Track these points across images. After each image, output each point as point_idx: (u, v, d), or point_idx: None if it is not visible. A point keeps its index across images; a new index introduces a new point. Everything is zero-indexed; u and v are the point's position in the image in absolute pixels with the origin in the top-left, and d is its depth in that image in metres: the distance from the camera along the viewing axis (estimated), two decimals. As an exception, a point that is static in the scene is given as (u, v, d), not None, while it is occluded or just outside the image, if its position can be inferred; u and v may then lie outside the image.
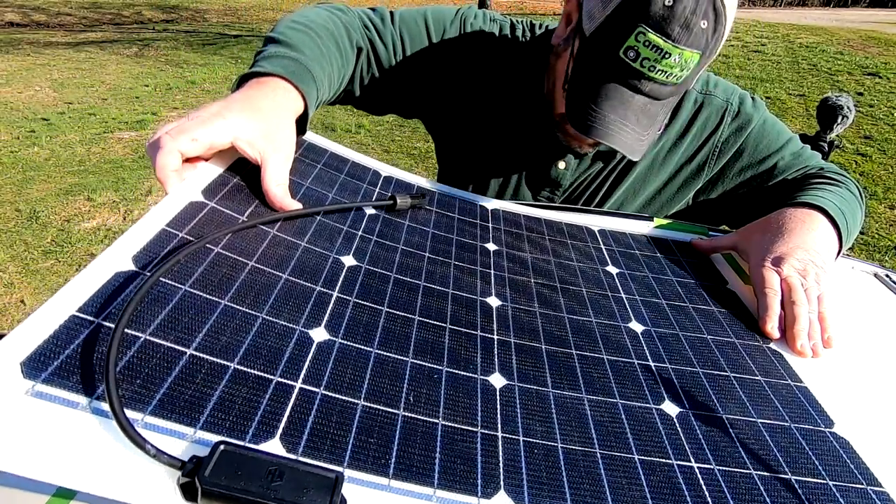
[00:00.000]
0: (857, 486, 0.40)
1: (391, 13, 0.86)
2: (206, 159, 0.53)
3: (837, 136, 1.07)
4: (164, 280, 0.40)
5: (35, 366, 0.31)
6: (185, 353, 0.36)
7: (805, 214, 0.67)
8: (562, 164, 0.86)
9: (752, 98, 0.85)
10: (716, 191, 0.87)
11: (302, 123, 0.64)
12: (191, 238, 0.45)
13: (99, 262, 0.39)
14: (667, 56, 0.62)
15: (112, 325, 0.35)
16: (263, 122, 0.54)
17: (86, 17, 10.09)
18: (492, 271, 0.58)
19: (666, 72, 0.64)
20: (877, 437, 0.45)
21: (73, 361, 0.32)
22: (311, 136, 0.70)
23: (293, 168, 0.60)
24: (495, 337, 0.49)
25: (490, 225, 0.68)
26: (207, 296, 0.41)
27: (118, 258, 0.40)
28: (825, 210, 0.67)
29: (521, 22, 0.89)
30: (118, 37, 8.50)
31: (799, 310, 0.56)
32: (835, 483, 0.40)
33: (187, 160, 0.50)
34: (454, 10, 0.87)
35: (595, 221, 0.75)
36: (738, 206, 0.86)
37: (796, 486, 0.40)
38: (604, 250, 0.68)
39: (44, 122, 4.75)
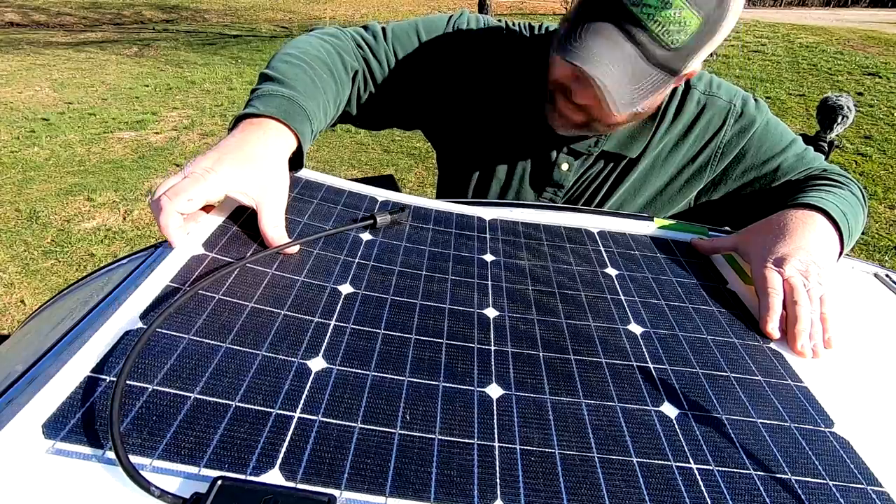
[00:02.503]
0: (857, 486, 0.40)
1: (383, 29, 0.86)
2: (208, 210, 0.57)
3: (837, 136, 1.07)
4: (169, 332, 0.43)
5: (54, 426, 0.35)
6: (190, 397, 0.39)
7: (807, 216, 0.67)
8: (564, 166, 0.86)
9: (755, 100, 0.85)
10: (718, 192, 0.87)
11: (298, 160, 0.65)
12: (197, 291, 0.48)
13: (110, 324, 0.43)
14: (667, 6, 0.61)
15: (129, 383, 0.39)
16: (255, 169, 0.56)
17: (86, 17, 10.09)
18: (489, 282, 0.59)
19: (663, 25, 0.62)
20: (877, 437, 0.45)
21: (88, 419, 0.36)
22: (307, 174, 0.71)
23: (291, 207, 0.62)
24: (492, 348, 0.49)
25: (487, 236, 0.68)
26: (209, 341, 0.44)
27: (127, 318, 0.44)
28: (827, 212, 0.67)
29: (518, 24, 0.88)
30: (118, 37, 8.49)
31: (801, 310, 0.56)
32: (835, 483, 0.40)
33: (191, 213, 0.53)
34: (446, 18, 0.87)
35: (595, 223, 0.75)
36: (740, 207, 0.86)
37: (796, 486, 0.40)
38: (603, 252, 0.68)
39: (44, 122, 4.75)
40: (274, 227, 0.55)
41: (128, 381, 0.38)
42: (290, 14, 11.25)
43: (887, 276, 0.73)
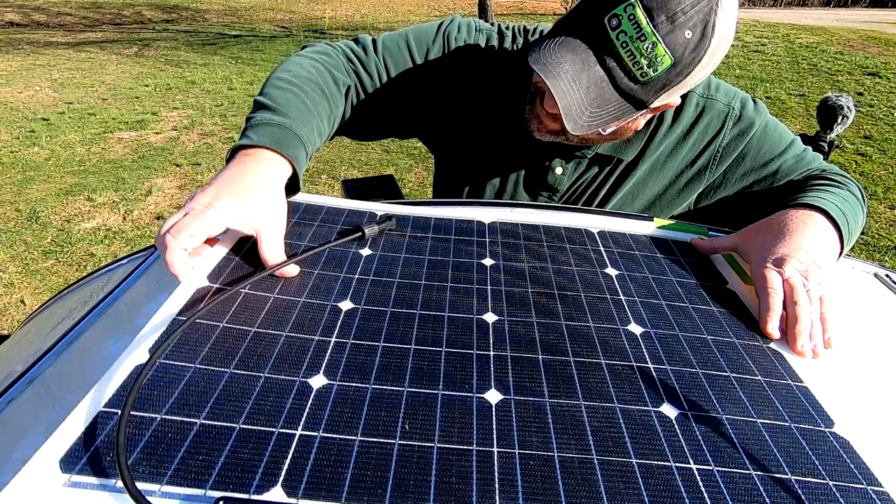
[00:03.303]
0: (857, 486, 0.40)
1: (374, 41, 0.86)
2: (213, 242, 0.60)
3: (837, 136, 1.07)
4: (177, 363, 0.45)
5: (70, 461, 0.37)
6: (196, 423, 0.40)
7: (806, 216, 0.67)
8: (559, 170, 0.86)
9: (754, 101, 0.85)
10: (717, 195, 0.87)
11: (295, 184, 0.68)
12: (200, 321, 0.50)
13: (121, 360, 0.45)
14: (642, 39, 0.63)
15: (135, 414, 0.41)
16: (252, 200, 0.58)
17: (86, 17, 10.10)
18: (488, 287, 0.59)
19: (634, 57, 0.64)
20: (877, 437, 0.45)
21: (101, 452, 0.38)
22: (308, 198, 0.73)
23: (292, 231, 0.65)
24: (491, 353, 0.49)
25: (487, 240, 0.68)
26: (214, 368, 0.45)
27: (137, 352, 0.46)
28: (826, 211, 0.67)
29: (512, 27, 0.88)
30: (118, 37, 8.49)
31: (801, 310, 0.56)
32: (835, 483, 0.40)
33: (195, 248, 0.56)
34: (436, 26, 0.87)
35: (594, 223, 0.75)
36: (740, 209, 0.86)
37: (796, 486, 0.40)
38: (603, 252, 0.68)
39: (44, 122, 4.75)
40: (273, 253, 0.58)
41: (139, 413, 0.40)
42: (291, 14, 11.25)
43: (887, 276, 0.73)
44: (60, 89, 5.75)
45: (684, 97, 0.83)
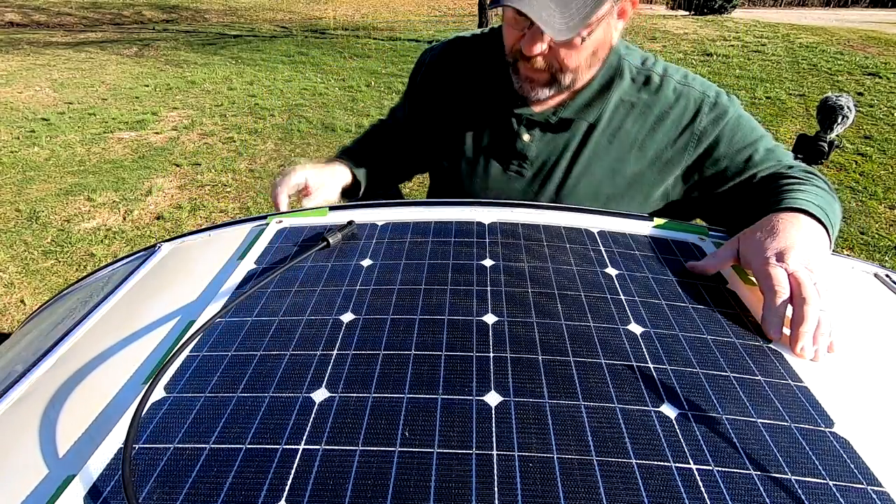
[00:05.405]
0: (857, 486, 0.40)
1: (392, 108, 1.18)
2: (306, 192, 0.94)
3: (837, 136, 1.07)
4: (190, 395, 0.47)
5: (92, 496, 0.39)
6: (206, 448, 0.42)
7: (792, 217, 0.68)
8: (526, 137, 0.92)
9: (728, 95, 0.90)
10: (693, 178, 0.90)
11: (356, 188, 1.04)
12: (210, 353, 0.53)
13: (137, 400, 0.47)
14: None
15: (150, 447, 0.43)
16: (319, 170, 0.96)
17: (86, 17, 10.10)
18: (488, 288, 0.59)
19: None
20: (877, 437, 0.45)
21: (119, 485, 0.40)
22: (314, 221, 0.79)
23: (298, 266, 0.70)
24: (491, 355, 0.49)
25: (486, 240, 0.68)
26: (223, 394, 0.47)
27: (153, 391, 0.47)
28: (808, 211, 0.69)
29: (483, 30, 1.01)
30: (118, 37, 8.50)
31: (808, 309, 0.55)
32: (835, 483, 0.40)
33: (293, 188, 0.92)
34: (416, 63, 1.08)
35: (595, 223, 0.75)
36: (716, 199, 0.89)
37: (796, 486, 0.40)
38: (603, 252, 0.68)
39: (44, 122, 4.75)
40: (310, 203, 0.92)
41: (154, 445, 0.42)
42: (290, 14, 11.25)
43: (887, 276, 0.73)
44: (60, 89, 5.75)
45: (661, 83, 0.88)
